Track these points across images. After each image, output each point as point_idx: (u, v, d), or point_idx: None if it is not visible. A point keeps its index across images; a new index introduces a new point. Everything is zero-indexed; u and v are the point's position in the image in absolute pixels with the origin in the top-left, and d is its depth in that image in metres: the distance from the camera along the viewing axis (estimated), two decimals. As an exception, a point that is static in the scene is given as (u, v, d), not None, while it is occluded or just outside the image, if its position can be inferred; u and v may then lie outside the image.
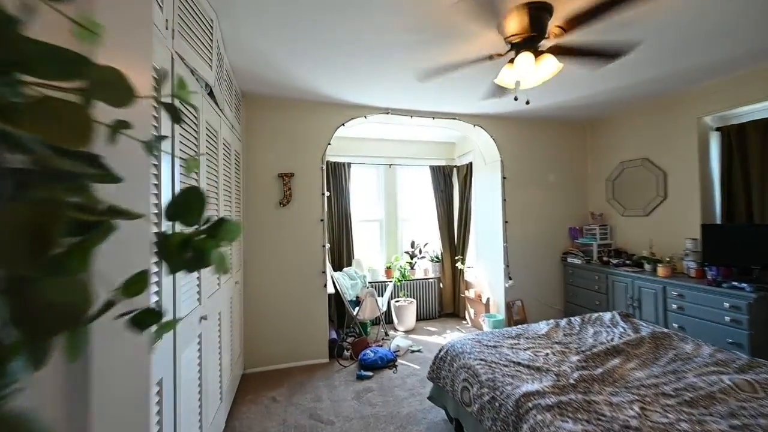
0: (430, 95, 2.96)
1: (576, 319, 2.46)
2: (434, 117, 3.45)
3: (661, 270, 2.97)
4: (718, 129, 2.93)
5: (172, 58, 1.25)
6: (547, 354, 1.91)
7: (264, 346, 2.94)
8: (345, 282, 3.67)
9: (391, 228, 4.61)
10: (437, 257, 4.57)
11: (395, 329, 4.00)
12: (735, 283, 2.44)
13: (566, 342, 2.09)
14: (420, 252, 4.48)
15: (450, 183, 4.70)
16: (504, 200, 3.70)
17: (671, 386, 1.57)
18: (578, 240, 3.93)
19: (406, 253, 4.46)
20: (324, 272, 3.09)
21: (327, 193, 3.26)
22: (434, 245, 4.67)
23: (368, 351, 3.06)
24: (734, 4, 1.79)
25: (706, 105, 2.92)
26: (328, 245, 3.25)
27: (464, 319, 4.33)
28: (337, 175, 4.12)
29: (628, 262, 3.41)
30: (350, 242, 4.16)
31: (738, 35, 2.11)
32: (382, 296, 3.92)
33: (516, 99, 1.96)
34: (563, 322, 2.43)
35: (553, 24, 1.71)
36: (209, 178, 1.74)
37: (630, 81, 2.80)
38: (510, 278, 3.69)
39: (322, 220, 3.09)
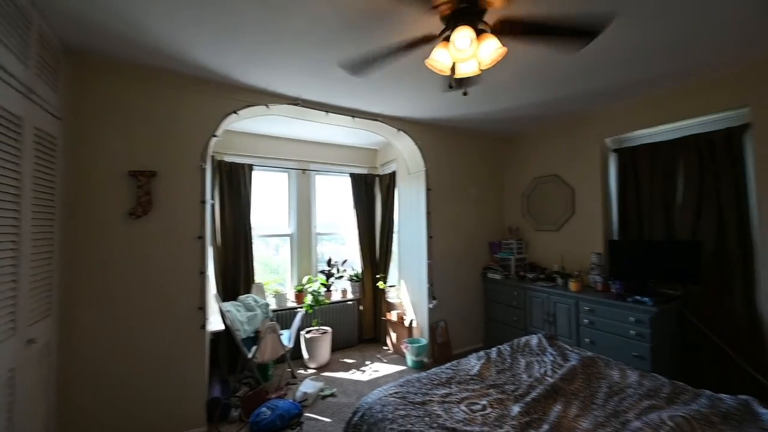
0: (351, 88, 2.49)
1: (506, 348, 2.22)
2: (354, 116, 2.98)
3: (572, 284, 3.00)
4: (615, 150, 3.14)
5: None
6: (485, 407, 1.54)
7: (98, 424, 1.98)
8: (239, 315, 2.88)
9: (303, 244, 3.95)
10: (357, 276, 4.07)
11: (306, 367, 3.33)
12: (638, 297, 2.52)
13: (501, 383, 1.77)
14: (338, 271, 3.92)
15: (372, 193, 4.29)
16: (428, 213, 3.43)
17: (621, 439, 1.33)
18: (497, 254, 3.89)
19: (322, 272, 3.86)
20: (202, 308, 2.29)
21: (212, 201, 2.48)
22: (355, 263, 4.17)
23: (264, 408, 2.35)
24: (626, 38, 1.84)
25: (606, 127, 3.10)
26: (211, 270, 2.46)
27: (385, 344, 3.90)
28: (233, 178, 3.32)
29: (542, 276, 3.44)
30: (249, 263, 3.36)
31: (629, 66, 2.22)
32: (290, 328, 3.23)
33: (451, 87, 1.63)
34: (494, 353, 2.15)
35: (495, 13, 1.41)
36: None
37: (544, 97, 2.79)
38: (434, 298, 3.40)
39: (201, 237, 2.30)
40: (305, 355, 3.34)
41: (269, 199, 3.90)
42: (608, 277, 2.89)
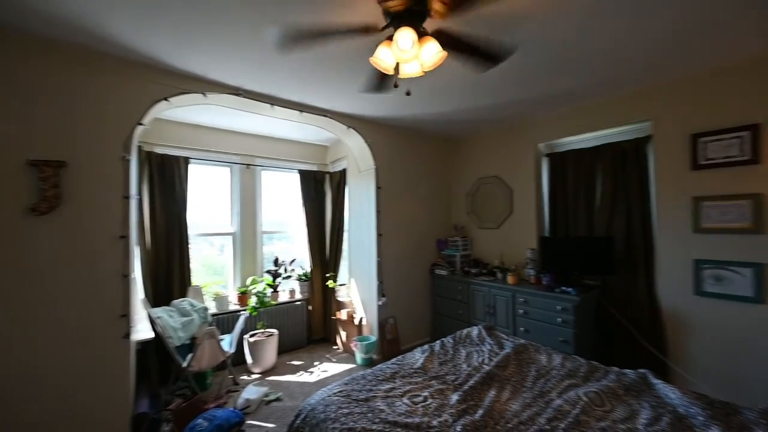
0: (299, 81, 2.41)
1: (449, 341, 2.32)
2: (302, 111, 2.89)
3: (510, 278, 3.23)
4: (547, 155, 3.45)
5: None
6: (426, 398, 1.60)
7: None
8: (172, 321, 2.64)
9: (248, 243, 3.74)
10: (306, 275, 3.97)
11: (249, 372, 3.16)
12: (564, 288, 2.79)
13: (443, 375, 1.85)
14: (286, 271, 3.79)
15: (322, 191, 4.21)
16: (378, 212, 3.45)
17: (545, 417, 1.47)
18: (444, 251, 4.05)
19: (269, 272, 3.69)
20: (126, 315, 2.06)
21: (137, 197, 2.24)
22: (304, 262, 4.06)
23: (201, 419, 2.18)
24: (551, 52, 2.07)
25: (539, 134, 3.39)
26: (138, 273, 2.22)
27: (335, 344, 3.86)
28: (166, 172, 3.02)
29: (484, 271, 3.65)
30: (185, 265, 3.09)
31: (556, 78, 2.45)
32: (232, 332, 3.04)
33: (396, 86, 1.66)
34: (437, 346, 2.24)
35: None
36: None
37: (484, 103, 2.96)
38: (383, 295, 3.44)
39: (124, 237, 2.06)
40: (249, 359, 3.18)
41: (209, 196, 3.63)
42: (540, 271, 3.17)
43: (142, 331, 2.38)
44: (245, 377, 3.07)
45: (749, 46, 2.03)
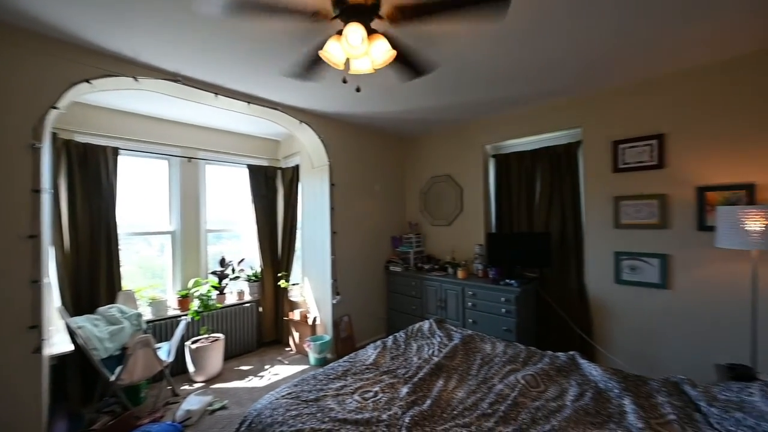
0: (246, 71, 2.27)
1: (401, 335, 2.36)
2: (250, 102, 2.74)
3: (460, 273, 3.39)
4: (494, 156, 3.66)
5: None
6: (377, 393, 1.61)
7: None
8: (97, 330, 2.35)
9: (190, 243, 3.47)
10: (256, 276, 3.78)
11: (191, 381, 2.94)
12: (507, 280, 3.00)
13: (394, 369, 1.89)
14: (234, 271, 3.57)
15: (274, 187, 4.04)
16: (332, 209, 3.40)
17: (487, 401, 1.56)
18: (399, 248, 4.12)
19: (214, 273, 3.46)
20: (36, 326, 1.79)
21: (51, 191, 1.96)
22: (253, 261, 3.87)
23: (132, 436, 1.98)
24: (493, 63, 2.18)
25: (486, 136, 3.58)
26: (52, 278, 1.94)
27: (288, 345, 3.74)
28: (90, 164, 2.68)
29: (436, 267, 3.78)
30: (114, 268, 2.77)
31: (502, 84, 2.62)
32: (171, 340, 2.80)
33: (345, 82, 1.64)
34: (390, 341, 2.27)
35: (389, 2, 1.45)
36: None
37: (435, 104, 3.06)
38: (338, 293, 3.41)
39: (34, 237, 1.79)
40: (191, 368, 2.95)
41: (145, 191, 3.30)
42: (487, 265, 3.36)
43: (58, 343, 2.09)
44: (187, 387, 2.84)
45: (659, 64, 2.34)
